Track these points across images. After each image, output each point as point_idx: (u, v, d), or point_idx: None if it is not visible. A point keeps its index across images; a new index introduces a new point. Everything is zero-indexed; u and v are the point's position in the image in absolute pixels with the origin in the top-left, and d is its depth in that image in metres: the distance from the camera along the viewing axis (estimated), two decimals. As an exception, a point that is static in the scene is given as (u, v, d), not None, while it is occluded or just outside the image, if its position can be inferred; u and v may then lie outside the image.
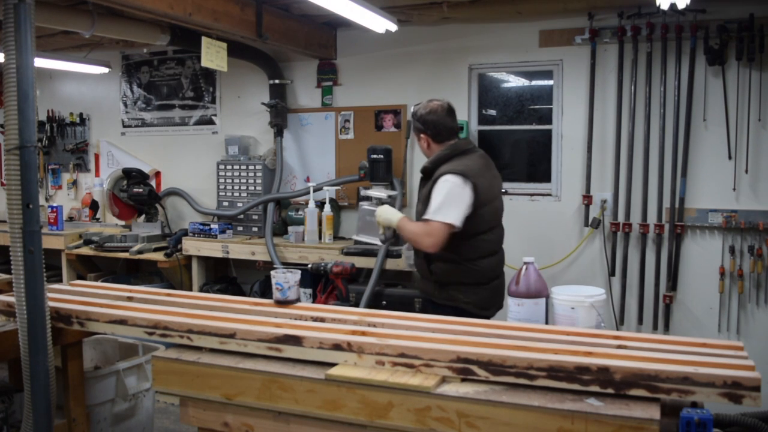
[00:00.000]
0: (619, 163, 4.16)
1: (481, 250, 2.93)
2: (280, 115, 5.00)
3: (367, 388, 1.85)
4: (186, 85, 5.50)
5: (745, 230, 3.89)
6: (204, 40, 3.97)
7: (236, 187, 5.02)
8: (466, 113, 4.54)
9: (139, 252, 4.83)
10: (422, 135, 3.05)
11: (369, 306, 3.82)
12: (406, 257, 3.87)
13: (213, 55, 4.04)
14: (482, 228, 2.91)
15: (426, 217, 2.83)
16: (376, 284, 3.99)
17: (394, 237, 3.12)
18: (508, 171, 4.67)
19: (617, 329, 4.05)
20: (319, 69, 5.00)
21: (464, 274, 2.92)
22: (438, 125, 3.01)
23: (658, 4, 3.24)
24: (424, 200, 2.94)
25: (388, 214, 3.02)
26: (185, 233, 4.91)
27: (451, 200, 2.81)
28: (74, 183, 6.00)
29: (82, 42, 4.96)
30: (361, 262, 4.11)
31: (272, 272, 2.57)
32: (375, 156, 4.34)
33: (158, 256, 4.82)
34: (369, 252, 4.20)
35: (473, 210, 2.84)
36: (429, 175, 2.98)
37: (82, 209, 5.65)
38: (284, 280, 2.51)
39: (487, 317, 2.91)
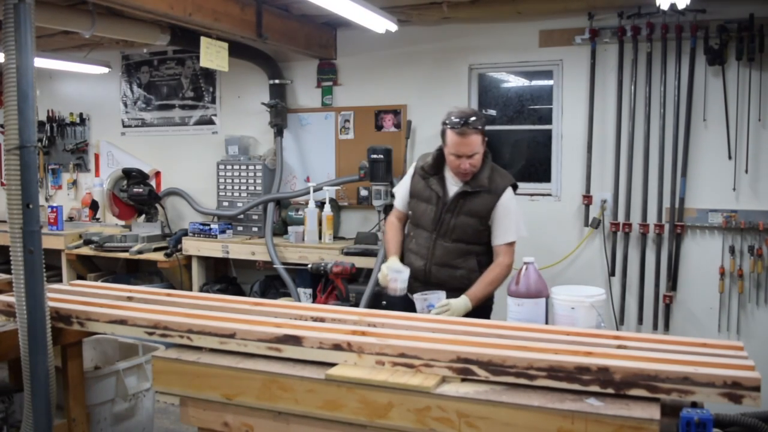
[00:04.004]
0: (619, 163, 4.16)
1: None
2: (280, 115, 5.00)
3: (367, 388, 1.85)
4: (186, 85, 5.50)
5: (745, 230, 3.89)
6: (203, 40, 3.96)
7: (236, 187, 5.02)
8: (466, 113, 4.54)
9: (139, 252, 4.83)
10: (486, 139, 2.90)
11: (369, 306, 3.82)
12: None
13: (213, 55, 4.03)
14: None
15: (510, 240, 2.89)
16: (376, 284, 3.99)
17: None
18: (508, 171, 4.66)
19: (617, 329, 4.05)
20: (319, 69, 5.00)
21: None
22: None
23: (658, 4, 3.24)
24: (480, 215, 2.89)
25: (461, 308, 2.73)
26: (185, 233, 4.91)
27: (519, 214, 2.95)
28: (74, 183, 6.00)
29: (82, 42, 4.96)
30: (361, 262, 4.11)
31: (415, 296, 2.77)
32: (375, 156, 4.34)
33: (158, 256, 4.82)
34: (369, 252, 4.20)
35: None
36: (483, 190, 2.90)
37: (82, 209, 5.65)
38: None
39: None
